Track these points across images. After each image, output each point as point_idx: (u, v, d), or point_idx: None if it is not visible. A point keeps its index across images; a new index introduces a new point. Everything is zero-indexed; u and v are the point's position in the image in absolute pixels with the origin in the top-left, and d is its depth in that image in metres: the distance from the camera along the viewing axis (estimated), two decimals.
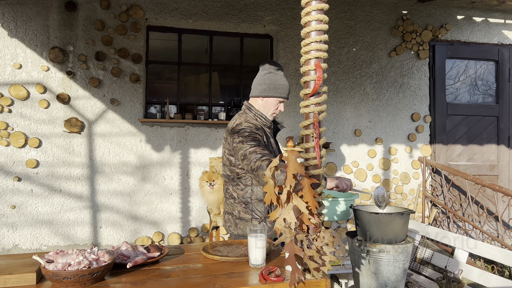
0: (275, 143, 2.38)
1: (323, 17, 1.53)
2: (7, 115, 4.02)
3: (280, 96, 2.31)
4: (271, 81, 2.30)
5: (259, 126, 2.27)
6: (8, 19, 4.04)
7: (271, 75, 2.32)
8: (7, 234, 4.03)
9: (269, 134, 2.34)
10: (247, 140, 2.11)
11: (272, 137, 2.37)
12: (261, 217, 2.22)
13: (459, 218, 4.46)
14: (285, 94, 2.32)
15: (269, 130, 2.35)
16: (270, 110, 2.33)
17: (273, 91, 2.30)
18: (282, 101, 2.34)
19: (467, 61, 5.39)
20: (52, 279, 1.34)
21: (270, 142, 2.30)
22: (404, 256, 1.65)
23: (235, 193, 2.25)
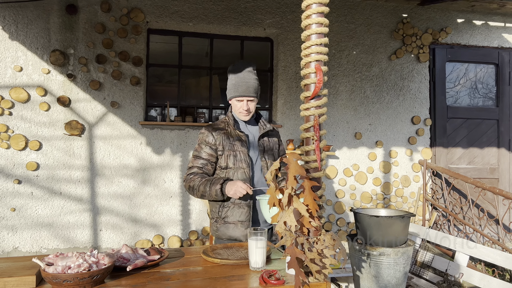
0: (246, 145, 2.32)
1: (324, 20, 1.54)
2: (7, 118, 4.02)
3: (235, 96, 2.31)
4: (229, 83, 2.36)
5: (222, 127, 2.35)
6: (9, 22, 4.05)
7: (230, 77, 2.37)
8: (7, 237, 4.03)
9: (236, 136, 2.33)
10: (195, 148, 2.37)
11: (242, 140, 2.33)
12: (214, 217, 2.34)
13: (459, 221, 4.45)
14: (238, 92, 2.30)
15: (241, 133, 2.33)
16: (236, 111, 2.36)
17: (231, 92, 2.34)
18: (240, 99, 2.31)
19: (467, 65, 5.40)
20: (52, 282, 1.34)
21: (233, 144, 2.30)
22: (404, 260, 1.64)
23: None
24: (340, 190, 4.88)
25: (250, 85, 2.30)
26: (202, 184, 2.21)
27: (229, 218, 2.28)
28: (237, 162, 2.30)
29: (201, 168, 2.31)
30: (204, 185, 2.21)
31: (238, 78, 2.30)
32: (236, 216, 2.28)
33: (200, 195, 2.24)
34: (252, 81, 2.31)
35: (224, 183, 2.17)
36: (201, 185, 2.22)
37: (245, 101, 2.31)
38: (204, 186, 2.20)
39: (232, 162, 2.30)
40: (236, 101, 2.33)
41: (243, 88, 2.29)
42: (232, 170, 2.30)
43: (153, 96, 4.64)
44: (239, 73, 2.31)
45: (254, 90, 2.33)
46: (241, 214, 2.27)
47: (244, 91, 2.29)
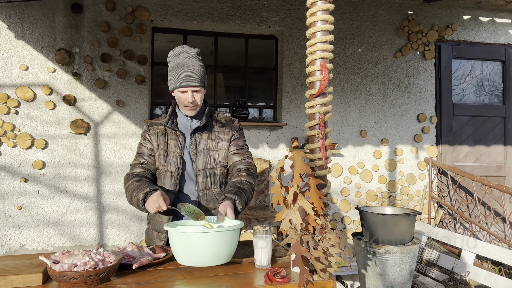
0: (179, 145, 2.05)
1: (329, 18, 1.53)
2: (14, 117, 4.05)
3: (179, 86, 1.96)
4: (169, 73, 2.01)
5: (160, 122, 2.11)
6: (14, 21, 4.07)
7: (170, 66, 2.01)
8: (13, 235, 4.06)
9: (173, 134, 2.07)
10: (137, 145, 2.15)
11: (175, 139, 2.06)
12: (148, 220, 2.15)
13: (465, 220, 4.43)
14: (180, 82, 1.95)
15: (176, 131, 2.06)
16: (181, 104, 2.04)
17: (172, 82, 1.99)
18: (184, 90, 1.96)
19: (473, 62, 5.36)
20: (59, 279, 1.35)
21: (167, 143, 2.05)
22: (410, 258, 1.64)
23: None
24: (345, 188, 4.86)
25: (194, 72, 1.95)
26: (130, 190, 1.93)
27: (150, 225, 2.09)
28: (166, 164, 2.02)
29: (142, 165, 2.05)
30: (131, 191, 1.92)
31: (180, 65, 1.95)
32: (155, 225, 2.06)
33: (128, 199, 1.96)
34: (196, 67, 1.96)
35: (150, 193, 1.84)
36: (128, 191, 1.94)
37: (190, 92, 1.96)
38: (131, 192, 1.91)
39: (161, 163, 2.03)
40: (179, 92, 1.99)
41: (185, 76, 1.94)
42: (161, 172, 2.05)
43: (158, 95, 4.65)
44: (180, 60, 1.96)
45: (199, 78, 1.97)
46: (159, 224, 2.03)
47: (187, 80, 1.94)
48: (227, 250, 1.53)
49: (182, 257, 1.50)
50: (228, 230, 1.51)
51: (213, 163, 2.06)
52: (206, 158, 2.05)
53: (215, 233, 1.49)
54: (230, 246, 1.55)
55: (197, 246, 1.47)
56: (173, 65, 1.99)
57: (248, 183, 2.00)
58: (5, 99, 3.99)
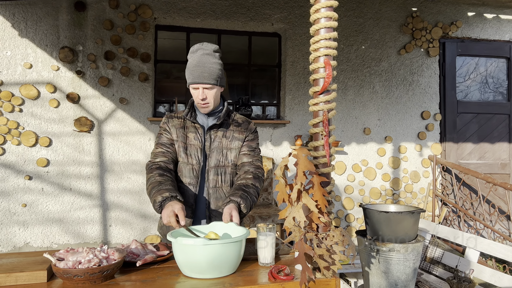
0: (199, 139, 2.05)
1: (333, 14, 1.52)
2: (18, 115, 4.06)
3: (190, 82, 1.96)
4: (187, 69, 1.99)
5: (179, 116, 2.09)
6: (18, 19, 4.08)
7: (189, 62, 1.99)
8: (18, 232, 4.08)
9: (192, 128, 2.06)
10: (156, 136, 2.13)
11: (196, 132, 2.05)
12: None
13: (470, 217, 4.41)
14: (192, 78, 1.93)
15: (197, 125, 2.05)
16: (195, 101, 2.03)
17: (187, 78, 1.98)
18: (196, 87, 1.96)
19: (477, 59, 5.33)
20: (63, 276, 1.35)
21: (186, 136, 2.04)
22: (414, 255, 1.63)
23: None
24: (348, 185, 4.86)
25: (207, 69, 1.92)
26: (152, 185, 1.91)
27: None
28: (186, 156, 2.02)
29: (165, 153, 2.03)
30: (152, 187, 1.90)
31: (194, 61, 1.94)
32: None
33: (148, 193, 1.94)
34: (210, 64, 1.93)
35: (167, 200, 1.80)
36: (150, 184, 1.92)
37: (201, 89, 1.94)
38: (152, 187, 1.89)
39: (182, 156, 2.03)
40: (192, 89, 1.98)
41: (197, 73, 1.92)
42: (182, 164, 2.04)
43: (161, 92, 4.65)
44: (196, 56, 1.95)
45: (212, 76, 1.93)
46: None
47: (199, 77, 1.92)
48: (231, 261, 1.46)
49: (184, 268, 1.46)
50: (231, 242, 1.43)
51: (225, 162, 2.06)
52: (219, 156, 2.05)
53: (216, 245, 1.40)
54: (234, 258, 1.47)
55: (199, 258, 1.40)
56: (189, 61, 1.98)
57: (254, 186, 1.98)
58: (9, 97, 4.01)
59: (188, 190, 2.02)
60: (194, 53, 1.98)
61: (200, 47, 1.98)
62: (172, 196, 1.81)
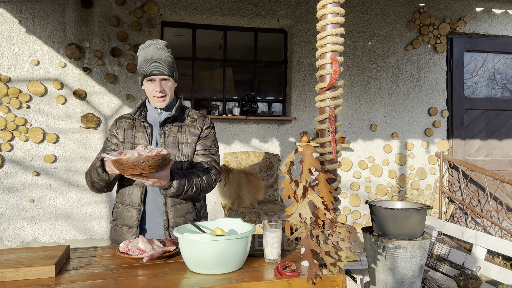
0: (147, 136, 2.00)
1: (339, 10, 1.51)
2: (25, 111, 4.09)
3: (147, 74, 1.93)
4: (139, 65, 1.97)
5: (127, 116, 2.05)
6: (26, 16, 4.10)
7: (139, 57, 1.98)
8: (26, 228, 4.12)
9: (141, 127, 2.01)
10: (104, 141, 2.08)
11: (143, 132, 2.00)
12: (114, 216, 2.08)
13: (477, 214, 4.39)
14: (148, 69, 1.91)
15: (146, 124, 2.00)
16: (150, 95, 2.00)
17: (140, 72, 1.96)
18: (151, 79, 1.93)
19: (485, 55, 5.28)
20: (131, 165, 1.56)
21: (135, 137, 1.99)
22: (421, 252, 1.63)
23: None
24: (355, 182, 4.84)
25: (163, 61, 1.92)
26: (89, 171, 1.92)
27: (118, 221, 2.01)
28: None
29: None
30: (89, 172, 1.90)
31: (148, 55, 1.93)
32: (124, 220, 1.98)
33: (90, 182, 1.92)
34: (165, 58, 1.94)
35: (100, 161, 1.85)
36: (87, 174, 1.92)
37: (158, 80, 1.93)
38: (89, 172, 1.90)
39: None
40: (147, 82, 1.95)
41: (153, 65, 1.91)
42: None
43: None
44: (149, 51, 1.94)
45: (169, 68, 1.94)
46: (129, 218, 1.96)
47: (156, 68, 1.91)
48: (237, 257, 1.45)
49: (191, 264, 1.46)
50: (237, 238, 1.43)
51: (181, 157, 2.00)
52: (175, 151, 1.99)
53: (223, 241, 1.40)
54: (240, 254, 1.46)
55: (205, 254, 1.40)
56: (142, 56, 1.96)
57: (198, 175, 1.94)
58: (17, 94, 4.04)
59: (135, 190, 1.97)
60: (146, 48, 1.96)
61: (152, 43, 1.97)
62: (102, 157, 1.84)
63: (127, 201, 1.97)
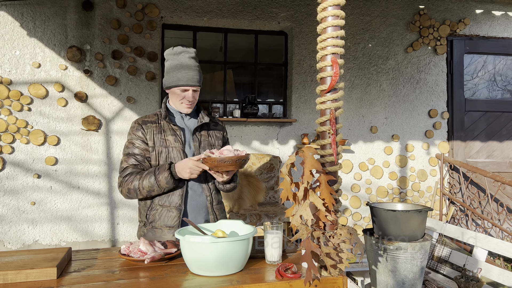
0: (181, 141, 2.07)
1: (340, 13, 1.52)
2: (26, 114, 4.10)
3: (182, 85, 2.02)
4: (168, 70, 2.06)
5: (153, 120, 2.07)
6: (27, 19, 4.11)
7: (168, 63, 2.07)
8: (27, 230, 4.12)
9: (171, 131, 2.06)
10: (125, 144, 2.08)
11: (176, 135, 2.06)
12: (141, 221, 2.09)
13: (477, 216, 4.38)
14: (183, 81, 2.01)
15: (175, 127, 2.07)
16: (177, 101, 2.08)
17: (173, 79, 2.03)
18: (185, 89, 2.03)
19: (485, 56, 5.29)
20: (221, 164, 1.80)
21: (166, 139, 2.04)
22: (421, 254, 1.63)
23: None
24: (355, 184, 4.85)
25: (197, 72, 2.04)
26: (145, 179, 1.94)
27: (156, 223, 2.03)
28: (169, 159, 2.03)
29: (136, 166, 2.01)
30: (148, 179, 1.93)
31: (182, 64, 2.02)
32: (164, 221, 2.02)
33: (146, 192, 1.96)
34: (197, 68, 2.05)
35: (172, 167, 1.93)
36: (143, 181, 1.94)
37: (191, 90, 2.04)
38: (148, 179, 1.93)
39: (164, 159, 2.03)
40: (180, 90, 2.04)
41: (189, 75, 2.01)
42: None
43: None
44: (182, 59, 2.03)
45: (200, 77, 2.06)
46: (169, 218, 2.02)
47: (190, 79, 2.01)
48: (238, 259, 1.46)
49: (192, 266, 1.47)
50: (238, 240, 1.44)
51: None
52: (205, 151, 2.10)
53: (224, 243, 1.41)
54: (242, 256, 1.47)
55: (207, 256, 1.41)
56: (174, 63, 2.04)
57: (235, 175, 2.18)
58: (18, 96, 4.05)
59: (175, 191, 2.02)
60: (178, 55, 2.05)
61: (184, 50, 2.05)
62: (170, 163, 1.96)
63: (167, 202, 2.03)
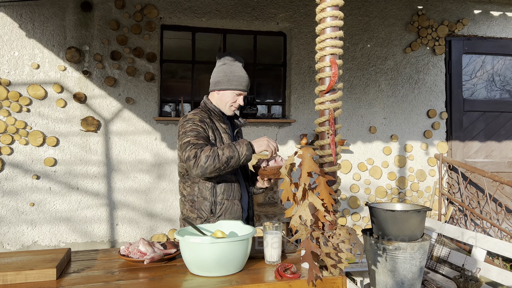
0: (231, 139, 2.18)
1: (338, 13, 1.53)
2: (25, 115, 4.10)
3: (235, 89, 2.16)
4: (226, 73, 2.17)
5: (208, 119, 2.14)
6: (26, 20, 4.11)
7: (226, 67, 2.19)
8: (26, 231, 4.12)
9: (223, 129, 2.17)
10: (187, 131, 2.03)
11: (228, 133, 2.18)
12: (204, 217, 2.09)
13: (476, 216, 4.39)
14: (241, 86, 2.17)
15: (224, 126, 2.18)
16: (227, 103, 2.17)
17: (228, 84, 2.15)
18: (240, 93, 2.18)
19: (484, 57, 5.30)
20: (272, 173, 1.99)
21: (221, 137, 2.14)
22: (420, 254, 1.63)
23: (185, 191, 2.16)
24: (354, 184, 4.85)
25: (248, 80, 2.22)
26: (225, 148, 1.93)
27: (225, 216, 2.09)
28: None
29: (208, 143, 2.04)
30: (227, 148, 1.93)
31: (238, 71, 2.18)
32: (232, 213, 2.10)
33: (225, 159, 1.91)
34: (247, 76, 2.22)
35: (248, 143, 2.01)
36: (224, 149, 1.93)
37: (242, 96, 2.20)
38: (228, 148, 1.93)
39: None
40: (234, 94, 2.17)
41: (244, 83, 2.17)
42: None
43: (167, 92, 4.67)
44: (236, 67, 2.19)
45: (250, 85, 2.26)
46: (236, 211, 2.10)
47: (246, 86, 2.18)
48: (238, 260, 1.46)
49: (192, 266, 1.47)
50: (237, 240, 1.44)
51: None
52: None
53: (223, 243, 1.41)
54: (241, 256, 1.47)
55: (206, 256, 1.41)
56: (231, 69, 2.18)
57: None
58: (17, 97, 4.04)
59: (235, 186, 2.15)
60: (232, 63, 2.21)
61: (237, 58, 2.23)
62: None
63: (231, 196, 2.12)
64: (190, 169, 1.92)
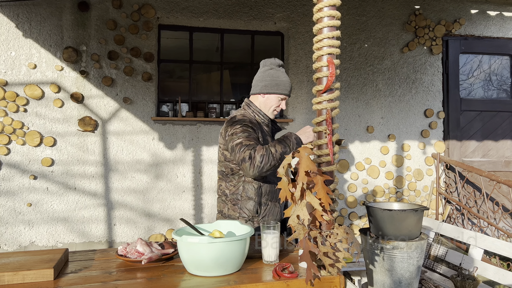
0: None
1: (336, 13, 1.53)
2: (22, 115, 4.09)
3: (281, 93, 2.24)
4: (273, 78, 2.23)
5: (254, 121, 2.19)
6: (22, 20, 4.10)
7: (273, 71, 2.25)
8: (23, 232, 4.11)
9: (266, 132, 2.24)
10: (237, 132, 2.05)
11: (270, 136, 2.28)
12: (248, 216, 2.13)
13: (473, 215, 4.41)
14: (286, 91, 2.25)
15: (267, 129, 2.26)
16: (271, 107, 2.25)
17: (275, 88, 2.22)
18: (284, 98, 2.26)
19: (481, 56, 5.31)
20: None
21: (266, 139, 2.21)
22: (418, 253, 1.64)
23: (228, 190, 2.19)
24: (352, 184, 4.86)
25: (289, 85, 2.29)
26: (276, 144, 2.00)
27: (268, 217, 2.17)
28: None
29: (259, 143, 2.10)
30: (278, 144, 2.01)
31: (282, 76, 2.25)
32: (274, 215, 2.19)
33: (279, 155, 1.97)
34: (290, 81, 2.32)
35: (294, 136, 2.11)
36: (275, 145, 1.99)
37: (285, 101, 2.29)
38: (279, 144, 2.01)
39: None
40: (278, 98, 2.24)
41: (289, 88, 2.26)
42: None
43: (165, 92, 4.66)
44: (280, 72, 2.26)
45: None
46: (277, 213, 2.20)
47: (289, 92, 2.28)
48: (235, 259, 1.47)
49: (189, 266, 1.47)
50: (235, 240, 1.44)
51: None
52: None
53: (221, 243, 1.41)
54: (239, 256, 1.48)
55: (204, 256, 1.42)
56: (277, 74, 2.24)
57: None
58: (14, 98, 4.03)
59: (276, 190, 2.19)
60: (278, 67, 2.27)
61: (282, 64, 2.29)
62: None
63: (274, 198, 2.19)
64: (247, 170, 1.96)
